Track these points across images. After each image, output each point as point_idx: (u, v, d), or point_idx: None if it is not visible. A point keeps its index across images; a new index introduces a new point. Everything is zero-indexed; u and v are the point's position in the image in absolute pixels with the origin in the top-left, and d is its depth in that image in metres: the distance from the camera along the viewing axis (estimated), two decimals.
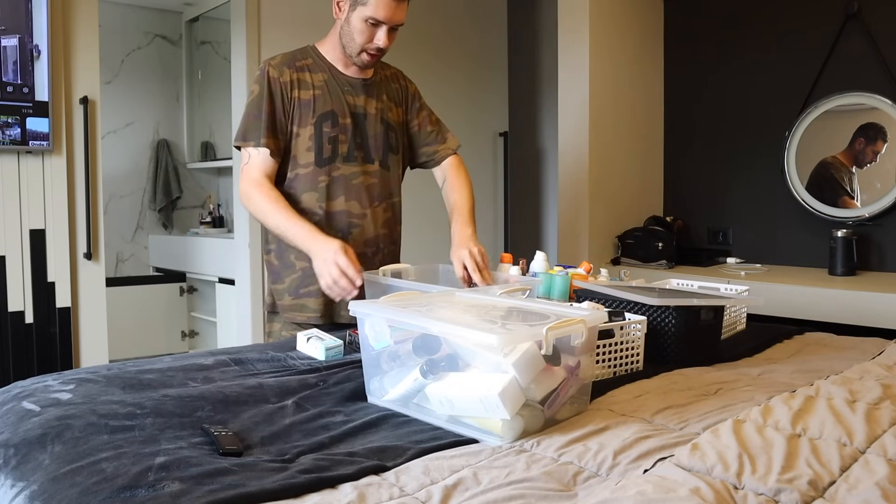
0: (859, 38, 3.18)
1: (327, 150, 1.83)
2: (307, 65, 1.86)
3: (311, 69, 1.86)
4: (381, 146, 1.91)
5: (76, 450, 0.97)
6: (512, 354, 1.07)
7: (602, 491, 0.87)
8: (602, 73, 3.50)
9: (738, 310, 1.92)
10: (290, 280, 1.87)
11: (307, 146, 1.83)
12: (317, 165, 1.83)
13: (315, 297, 1.84)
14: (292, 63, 1.84)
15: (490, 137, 4.51)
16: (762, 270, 3.29)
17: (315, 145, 1.82)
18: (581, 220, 3.51)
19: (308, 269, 1.80)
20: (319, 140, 1.82)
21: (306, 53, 1.89)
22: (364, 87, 1.89)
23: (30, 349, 2.57)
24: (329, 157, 1.84)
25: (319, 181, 1.83)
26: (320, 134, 1.82)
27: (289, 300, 1.88)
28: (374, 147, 1.90)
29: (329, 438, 1.06)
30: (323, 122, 1.83)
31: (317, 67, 1.86)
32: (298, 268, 1.85)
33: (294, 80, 1.82)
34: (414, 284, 1.64)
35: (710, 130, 3.72)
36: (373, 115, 1.89)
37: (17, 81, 2.47)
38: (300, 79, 1.83)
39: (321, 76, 1.85)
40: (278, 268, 1.90)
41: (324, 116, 1.83)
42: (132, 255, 4.60)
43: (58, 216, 2.62)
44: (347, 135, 1.85)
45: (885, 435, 1.04)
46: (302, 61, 1.86)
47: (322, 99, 1.83)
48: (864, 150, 3.16)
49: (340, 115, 1.85)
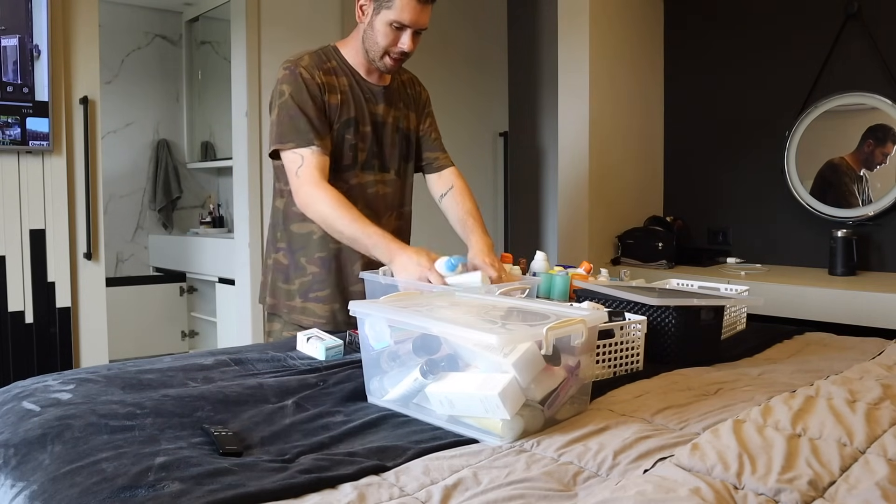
0: (859, 38, 3.18)
1: (348, 158, 1.82)
2: (332, 67, 1.83)
3: (336, 73, 1.83)
4: (397, 155, 1.91)
5: (76, 450, 0.97)
6: (512, 354, 1.07)
7: (602, 491, 0.87)
8: (602, 73, 3.50)
9: (738, 310, 1.92)
10: (300, 283, 1.86)
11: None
12: (336, 172, 1.81)
13: (322, 303, 1.83)
14: (321, 65, 1.80)
15: (490, 137, 4.51)
16: (762, 270, 3.29)
17: (336, 151, 1.80)
18: (581, 220, 3.51)
19: (318, 275, 1.79)
20: (341, 147, 1.80)
21: (329, 55, 1.85)
22: (383, 95, 1.88)
23: (30, 349, 2.57)
24: (349, 164, 1.82)
25: (338, 188, 1.79)
26: (342, 140, 1.80)
27: (298, 302, 1.86)
28: (390, 156, 1.89)
29: (329, 438, 1.06)
30: (346, 129, 1.81)
31: (341, 71, 1.84)
32: (309, 272, 1.83)
33: (325, 84, 1.78)
34: (414, 283, 1.64)
35: (711, 130, 3.72)
36: (390, 123, 1.89)
37: (17, 81, 2.47)
38: (329, 82, 1.80)
39: (345, 80, 1.83)
40: (287, 268, 1.88)
41: (347, 123, 1.81)
42: (132, 255, 4.60)
43: (58, 216, 2.62)
44: (367, 143, 1.84)
45: (885, 435, 1.04)
46: (328, 63, 1.82)
47: (346, 105, 1.81)
48: (873, 153, 3.15)
49: (361, 122, 1.83)
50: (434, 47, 4.11)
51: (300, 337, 1.55)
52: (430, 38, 1.96)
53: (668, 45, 3.87)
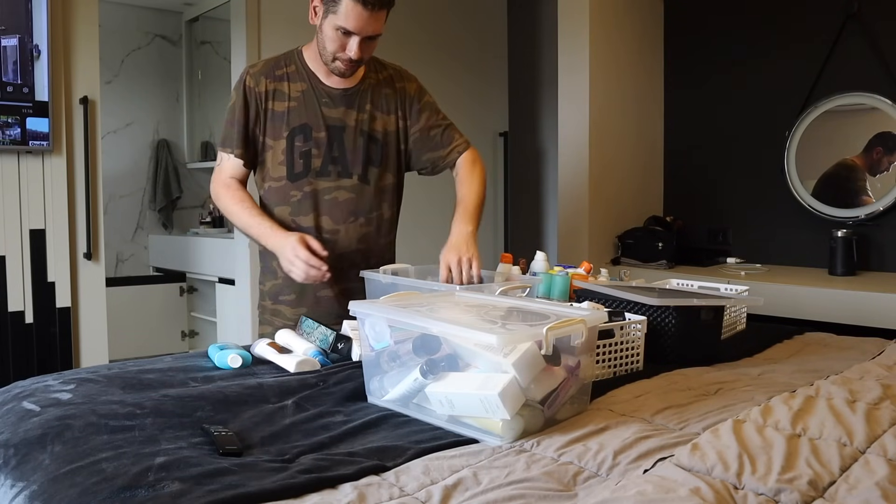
0: (859, 38, 3.18)
1: (299, 165, 1.80)
2: (288, 73, 1.80)
3: (291, 78, 1.80)
4: (359, 160, 1.83)
5: (76, 450, 0.97)
6: (512, 354, 1.07)
7: (602, 491, 0.87)
8: (602, 73, 3.50)
9: (738, 310, 1.92)
10: (271, 285, 1.88)
11: (280, 160, 1.80)
12: (288, 180, 1.80)
13: (290, 306, 1.84)
14: (272, 72, 1.79)
15: (490, 137, 4.51)
16: (762, 270, 3.29)
17: (287, 159, 1.79)
18: (581, 220, 3.51)
19: (287, 278, 1.77)
20: (291, 154, 1.79)
21: (290, 59, 1.83)
22: (344, 98, 1.81)
23: (30, 349, 2.57)
24: (301, 171, 1.80)
25: (291, 196, 1.80)
26: (292, 148, 1.79)
27: (269, 304, 1.89)
28: (352, 161, 1.82)
29: (329, 438, 1.06)
30: (296, 136, 1.79)
31: (297, 76, 1.81)
32: (280, 275, 1.83)
33: (269, 91, 1.78)
34: (415, 282, 1.64)
35: (710, 130, 3.72)
36: (352, 127, 1.82)
37: (17, 81, 2.47)
38: (277, 89, 1.79)
39: (300, 86, 1.80)
40: (262, 270, 1.92)
41: (297, 130, 1.79)
42: (132, 255, 4.60)
43: (58, 216, 2.62)
44: (321, 149, 1.79)
45: (885, 435, 1.04)
46: (283, 69, 1.81)
47: (296, 111, 1.79)
48: (880, 160, 3.15)
49: (314, 128, 1.79)
50: (434, 47, 4.11)
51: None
52: (429, 38, 1.95)
53: (667, 45, 3.87)
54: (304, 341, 1.51)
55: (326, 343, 1.49)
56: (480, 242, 1.81)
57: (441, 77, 4.09)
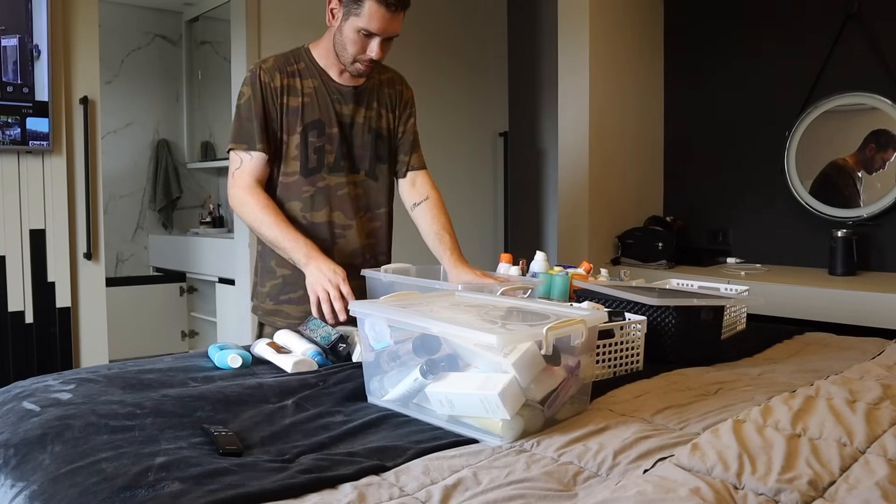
0: (859, 38, 3.18)
1: (313, 161, 1.80)
2: (299, 69, 1.81)
3: (303, 74, 1.81)
4: (368, 156, 1.86)
5: (76, 450, 0.97)
6: (512, 354, 1.07)
7: (602, 491, 0.87)
8: (602, 73, 3.50)
9: (738, 310, 1.92)
10: (271, 286, 1.87)
11: (294, 155, 1.80)
12: (302, 175, 1.80)
13: (295, 304, 1.83)
14: (284, 67, 1.80)
15: (490, 137, 4.51)
16: (762, 270, 3.29)
17: (301, 155, 1.79)
18: (581, 220, 3.51)
19: (289, 277, 1.78)
20: (305, 150, 1.79)
21: (299, 56, 1.84)
22: (354, 96, 1.84)
23: (30, 349, 2.57)
24: (315, 167, 1.81)
25: (304, 191, 1.80)
26: (306, 143, 1.79)
27: (270, 305, 1.87)
28: (360, 157, 1.86)
29: (329, 438, 1.06)
30: (310, 132, 1.79)
31: (308, 73, 1.82)
32: (279, 274, 1.83)
33: (284, 86, 1.78)
34: (414, 281, 1.64)
35: (710, 130, 3.72)
36: (360, 124, 1.85)
37: (17, 81, 2.47)
38: (290, 84, 1.79)
39: (311, 82, 1.81)
40: (260, 271, 1.90)
41: (311, 125, 1.80)
42: (132, 255, 4.60)
43: (58, 216, 2.62)
44: (334, 144, 1.81)
45: (885, 435, 1.04)
46: (294, 65, 1.82)
47: (310, 107, 1.80)
48: (873, 158, 3.15)
49: (328, 124, 1.81)
50: (434, 48, 4.11)
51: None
52: (429, 38, 1.95)
53: (667, 45, 3.87)
54: (304, 342, 1.51)
55: (328, 341, 1.49)
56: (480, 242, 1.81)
57: (441, 77, 4.10)
